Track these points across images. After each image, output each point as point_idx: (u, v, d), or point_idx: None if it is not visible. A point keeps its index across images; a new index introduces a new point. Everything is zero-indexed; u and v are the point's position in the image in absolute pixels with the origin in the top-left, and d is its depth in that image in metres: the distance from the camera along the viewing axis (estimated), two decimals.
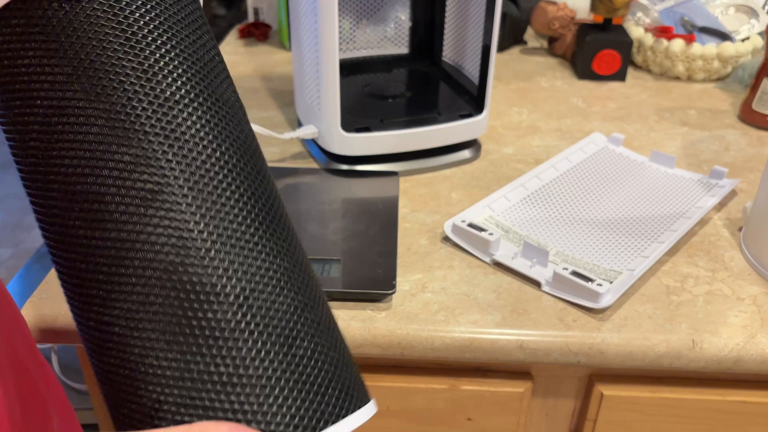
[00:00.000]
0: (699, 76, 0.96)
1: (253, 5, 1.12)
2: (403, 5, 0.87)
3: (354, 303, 0.55)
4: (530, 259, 0.59)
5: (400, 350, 0.53)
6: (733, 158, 0.77)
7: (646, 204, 0.68)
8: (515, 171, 0.74)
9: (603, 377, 0.57)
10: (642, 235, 0.63)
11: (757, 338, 0.52)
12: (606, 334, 0.52)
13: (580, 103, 0.90)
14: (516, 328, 0.53)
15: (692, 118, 0.87)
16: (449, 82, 0.81)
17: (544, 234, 0.63)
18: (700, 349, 0.52)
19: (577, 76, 0.97)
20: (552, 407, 0.61)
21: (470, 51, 0.78)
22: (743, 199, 0.70)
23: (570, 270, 0.55)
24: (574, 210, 0.67)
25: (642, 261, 0.59)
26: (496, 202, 0.67)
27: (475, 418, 0.59)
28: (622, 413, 0.58)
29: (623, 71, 0.96)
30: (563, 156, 0.75)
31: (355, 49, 0.89)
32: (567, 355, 0.53)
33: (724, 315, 0.54)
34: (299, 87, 0.76)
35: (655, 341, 0.52)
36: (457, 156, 0.75)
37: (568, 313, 0.54)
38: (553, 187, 0.70)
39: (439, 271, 0.59)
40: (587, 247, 0.61)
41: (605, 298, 0.54)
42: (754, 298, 0.56)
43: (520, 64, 1.02)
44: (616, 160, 0.76)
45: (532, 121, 0.85)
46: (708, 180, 0.72)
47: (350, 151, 0.70)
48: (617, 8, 0.92)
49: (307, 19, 0.67)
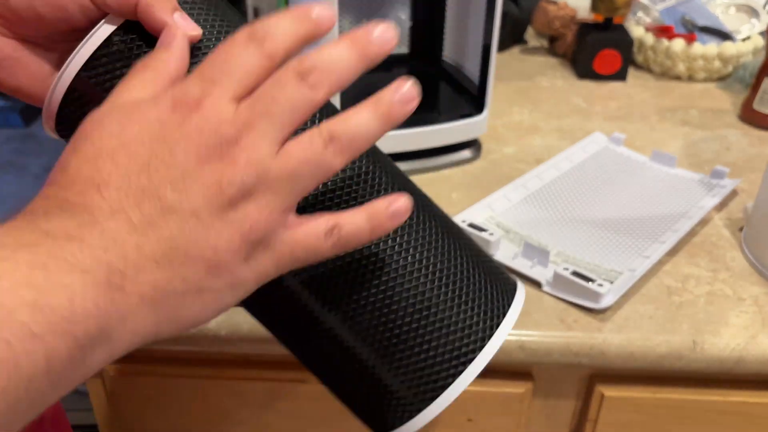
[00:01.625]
0: (700, 76, 0.96)
1: (253, 5, 1.12)
2: (403, 5, 0.86)
3: None
4: (531, 259, 0.59)
5: None
6: (734, 158, 0.77)
7: (647, 204, 0.67)
8: (516, 171, 0.73)
9: (604, 378, 0.57)
10: (643, 235, 0.63)
11: (759, 339, 0.52)
12: (607, 335, 0.52)
13: (581, 102, 0.90)
14: (516, 329, 0.53)
15: (693, 118, 0.86)
16: (449, 82, 0.81)
17: (545, 234, 0.63)
18: (701, 350, 0.52)
19: (577, 76, 0.97)
20: (552, 408, 0.60)
21: (470, 50, 0.78)
22: (744, 199, 0.70)
23: (571, 270, 0.55)
24: (574, 210, 0.66)
25: (643, 261, 0.59)
26: (496, 202, 0.67)
27: (475, 418, 0.58)
28: (622, 414, 0.58)
29: (624, 71, 0.95)
30: (564, 156, 0.75)
31: None
32: (568, 355, 0.52)
33: (725, 315, 0.54)
34: None
35: (656, 342, 0.52)
36: (457, 156, 0.75)
37: (569, 314, 0.54)
38: (553, 187, 0.70)
39: None
40: (588, 248, 0.61)
41: (606, 298, 0.54)
42: (756, 298, 0.56)
43: (520, 64, 1.02)
44: (617, 159, 0.75)
45: (533, 121, 0.85)
46: (709, 180, 0.71)
47: None
48: (618, 7, 0.92)
49: None
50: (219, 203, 0.26)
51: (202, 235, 0.26)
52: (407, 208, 0.30)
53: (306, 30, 0.29)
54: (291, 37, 0.28)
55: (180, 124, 0.26)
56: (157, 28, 0.30)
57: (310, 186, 0.28)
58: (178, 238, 0.26)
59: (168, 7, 0.30)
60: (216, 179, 0.26)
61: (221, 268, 0.27)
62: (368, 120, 0.29)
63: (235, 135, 0.27)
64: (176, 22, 0.30)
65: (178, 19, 0.30)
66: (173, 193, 0.26)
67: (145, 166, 0.26)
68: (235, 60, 0.28)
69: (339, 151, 0.28)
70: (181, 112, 0.27)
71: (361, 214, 0.30)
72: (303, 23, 0.29)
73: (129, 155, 0.26)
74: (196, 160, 0.26)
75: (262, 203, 0.27)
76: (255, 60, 0.28)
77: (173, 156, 0.26)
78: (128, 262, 0.25)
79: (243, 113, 0.27)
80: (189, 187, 0.26)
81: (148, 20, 0.30)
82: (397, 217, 0.30)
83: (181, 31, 0.30)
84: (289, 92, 0.27)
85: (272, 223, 0.27)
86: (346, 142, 0.28)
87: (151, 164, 0.26)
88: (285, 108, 0.27)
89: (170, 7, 0.31)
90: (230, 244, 0.27)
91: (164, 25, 0.30)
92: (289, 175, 0.27)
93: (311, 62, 0.28)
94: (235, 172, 0.26)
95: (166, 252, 0.26)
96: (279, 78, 0.28)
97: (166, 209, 0.26)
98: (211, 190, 0.26)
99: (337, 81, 0.28)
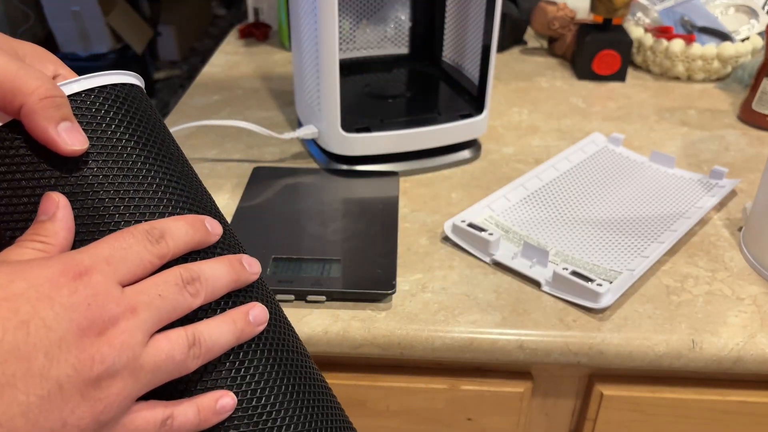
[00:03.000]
0: (699, 76, 0.96)
1: (253, 5, 1.12)
2: (403, 5, 0.87)
3: (354, 303, 0.55)
4: (530, 259, 0.59)
5: (400, 350, 0.53)
6: (733, 158, 0.77)
7: (646, 204, 0.68)
8: (515, 171, 0.74)
9: (603, 377, 0.57)
10: (642, 235, 0.63)
11: (757, 338, 0.52)
12: (606, 334, 0.52)
13: (580, 103, 0.90)
14: (516, 328, 0.53)
15: (692, 118, 0.87)
16: (449, 82, 0.81)
17: (544, 234, 0.63)
18: (700, 349, 0.52)
19: (576, 76, 0.97)
20: (552, 407, 0.61)
21: (470, 51, 0.78)
22: (743, 199, 0.70)
23: (570, 270, 0.55)
24: (574, 210, 0.67)
25: (642, 261, 0.59)
26: (496, 202, 0.67)
27: (475, 418, 0.59)
28: (621, 413, 0.58)
29: (623, 71, 0.96)
30: (563, 156, 0.75)
31: (355, 49, 0.89)
32: (567, 355, 0.53)
33: (723, 315, 0.54)
34: (299, 87, 0.76)
35: (655, 341, 0.52)
36: (457, 156, 0.75)
37: (568, 313, 0.54)
38: (553, 187, 0.70)
39: (439, 271, 0.59)
40: (587, 247, 0.61)
41: (605, 298, 0.54)
42: (754, 298, 0.56)
43: (520, 64, 1.02)
44: (616, 160, 0.76)
45: (532, 121, 0.85)
46: (708, 180, 0.72)
47: (350, 151, 0.70)
48: (617, 8, 0.92)
49: (307, 19, 0.67)
50: (85, 378, 0.26)
51: (57, 407, 0.26)
52: (232, 405, 0.32)
53: (199, 238, 0.32)
54: (183, 243, 0.32)
55: (71, 291, 0.27)
56: (38, 136, 0.30)
57: (164, 380, 0.30)
58: (32, 405, 0.25)
59: (54, 116, 0.30)
60: (90, 353, 0.26)
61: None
62: (227, 334, 0.32)
63: (118, 316, 0.28)
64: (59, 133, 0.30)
65: (63, 129, 0.30)
66: (45, 358, 0.25)
67: (24, 324, 0.25)
68: (131, 249, 0.29)
69: (197, 355, 0.30)
70: (71, 278, 0.27)
71: (192, 407, 0.31)
72: (197, 231, 0.32)
73: (10, 309, 0.26)
74: (77, 330, 0.26)
75: (121, 386, 0.27)
76: (147, 255, 0.30)
77: (57, 321, 0.26)
78: None
79: (129, 297, 0.28)
80: (63, 355, 0.26)
81: (29, 126, 0.30)
82: (222, 413, 0.32)
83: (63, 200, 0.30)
84: (173, 293, 0.30)
85: (123, 407, 0.28)
86: (205, 349, 0.31)
87: (32, 323, 0.26)
88: (168, 306, 0.30)
89: (57, 115, 0.30)
90: (80, 421, 0.26)
91: (45, 133, 0.29)
92: (154, 367, 0.29)
93: (195, 273, 0.31)
94: (109, 351, 0.27)
95: (14, 417, 0.25)
96: (167, 279, 0.30)
97: (31, 373, 0.25)
98: (82, 362, 0.26)
99: (212, 294, 0.32)
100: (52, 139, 0.30)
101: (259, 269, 0.35)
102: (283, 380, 0.34)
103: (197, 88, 0.93)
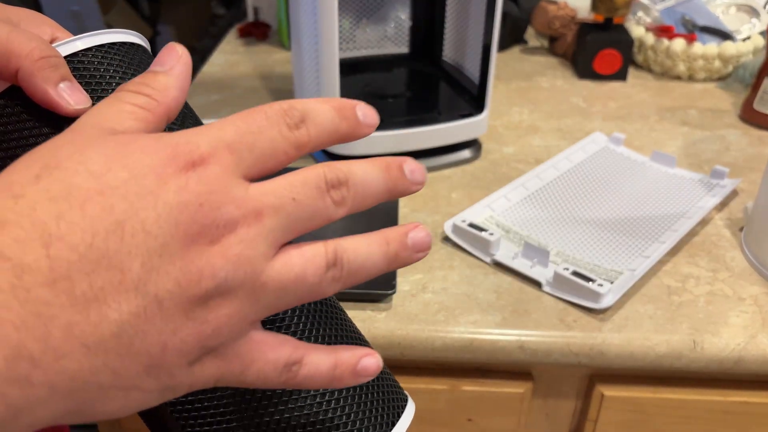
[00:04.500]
0: (700, 76, 0.96)
1: (252, 5, 1.12)
2: (403, 5, 0.86)
3: (354, 303, 0.54)
4: (531, 259, 0.59)
5: (400, 350, 0.53)
6: (734, 158, 0.77)
7: (646, 204, 0.67)
8: (515, 171, 0.73)
9: (604, 378, 0.57)
10: (643, 235, 0.63)
11: (758, 338, 0.52)
12: (607, 335, 0.52)
13: (581, 102, 0.90)
14: (516, 329, 0.53)
15: (693, 118, 0.86)
16: (449, 82, 0.81)
17: (545, 234, 0.63)
18: (701, 350, 0.52)
19: (577, 76, 0.97)
20: (552, 408, 0.60)
21: (470, 50, 0.78)
22: (744, 199, 0.70)
23: (571, 270, 0.55)
24: (574, 210, 0.66)
25: (643, 261, 0.59)
26: (496, 202, 0.67)
27: (475, 418, 0.59)
28: (622, 414, 0.58)
29: (624, 71, 0.95)
30: (564, 156, 0.75)
31: (355, 48, 0.88)
32: (568, 355, 0.52)
33: (725, 315, 0.54)
34: (299, 87, 0.76)
35: (656, 341, 0.52)
36: (457, 156, 0.75)
37: (569, 314, 0.54)
38: (553, 186, 0.70)
39: (439, 271, 0.59)
40: (588, 247, 0.61)
41: (606, 298, 0.54)
42: (755, 298, 0.56)
43: (520, 64, 1.02)
44: (617, 159, 0.75)
45: (533, 121, 0.85)
46: (709, 180, 0.71)
47: (350, 150, 0.70)
48: (618, 7, 0.92)
49: (307, 18, 0.67)
50: (190, 295, 0.21)
51: (155, 328, 0.21)
52: (375, 369, 0.26)
53: (346, 128, 0.25)
54: (327, 134, 0.25)
55: (179, 186, 0.21)
56: (38, 98, 0.27)
57: (290, 305, 0.24)
58: (125, 325, 0.21)
59: (52, 76, 0.27)
60: (198, 266, 0.21)
61: (162, 369, 0.22)
62: (376, 256, 0.25)
63: (238, 220, 0.22)
64: (60, 93, 0.27)
65: (63, 89, 0.27)
66: (141, 269, 0.21)
67: (119, 226, 0.21)
68: (261, 134, 0.23)
69: (336, 278, 0.24)
70: (181, 168, 0.22)
71: (328, 359, 0.25)
72: (345, 120, 0.25)
73: (104, 207, 0.21)
74: (184, 235, 0.21)
75: (235, 307, 0.22)
76: (282, 144, 0.24)
77: (160, 224, 0.21)
78: (47, 345, 0.20)
79: (254, 198, 0.23)
80: (164, 266, 0.21)
81: (29, 89, 0.27)
82: (361, 376, 0.26)
83: (186, 54, 0.26)
84: (311, 198, 0.24)
85: (235, 333, 0.23)
86: (347, 271, 0.25)
87: (128, 226, 0.21)
88: (303, 214, 0.24)
89: (56, 76, 0.27)
90: (183, 345, 0.22)
91: (45, 95, 0.26)
92: (279, 288, 0.23)
93: (344, 174, 0.24)
94: (222, 264, 0.22)
95: (104, 338, 0.20)
96: (306, 178, 0.24)
97: (124, 286, 0.21)
98: (187, 276, 0.21)
99: (360, 204, 0.25)
100: (53, 100, 0.26)
101: (422, 179, 0.26)
102: None
103: (196, 88, 0.93)
